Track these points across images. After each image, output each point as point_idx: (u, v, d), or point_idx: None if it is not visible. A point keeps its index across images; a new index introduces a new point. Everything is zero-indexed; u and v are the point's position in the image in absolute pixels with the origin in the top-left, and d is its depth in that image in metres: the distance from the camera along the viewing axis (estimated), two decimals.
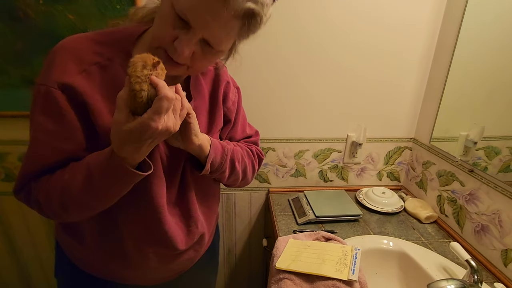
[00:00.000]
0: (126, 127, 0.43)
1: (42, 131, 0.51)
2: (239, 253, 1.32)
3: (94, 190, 0.50)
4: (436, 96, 1.03)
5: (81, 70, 0.50)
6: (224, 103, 0.70)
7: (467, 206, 0.89)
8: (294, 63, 1.02)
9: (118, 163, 0.46)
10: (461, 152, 0.96)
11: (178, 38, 0.47)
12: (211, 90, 0.68)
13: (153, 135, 0.44)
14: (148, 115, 0.43)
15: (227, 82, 0.70)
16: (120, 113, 0.43)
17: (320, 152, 1.15)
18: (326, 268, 0.74)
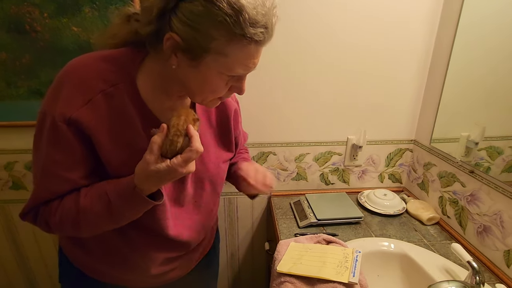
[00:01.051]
0: (154, 167, 0.49)
1: (51, 162, 0.52)
2: (242, 257, 1.32)
3: (112, 216, 0.54)
4: (435, 97, 1.03)
5: (86, 100, 0.51)
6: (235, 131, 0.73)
7: (469, 207, 0.89)
8: (293, 66, 1.04)
9: (139, 194, 0.51)
10: (463, 153, 0.96)
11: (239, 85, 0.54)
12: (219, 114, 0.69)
13: (176, 176, 0.51)
14: (178, 161, 0.49)
15: (235, 109, 0.72)
16: (152, 155, 0.49)
17: (320, 155, 1.16)
18: (327, 271, 0.74)
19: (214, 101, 0.57)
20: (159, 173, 0.49)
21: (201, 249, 0.79)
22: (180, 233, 0.66)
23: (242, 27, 0.45)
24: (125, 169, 0.54)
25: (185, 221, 0.67)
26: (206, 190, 0.69)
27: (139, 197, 0.52)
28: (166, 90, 0.57)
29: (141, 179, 0.51)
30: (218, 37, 0.46)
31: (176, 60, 0.50)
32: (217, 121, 0.69)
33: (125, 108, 0.54)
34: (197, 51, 0.48)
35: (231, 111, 0.70)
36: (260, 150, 1.14)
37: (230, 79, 0.52)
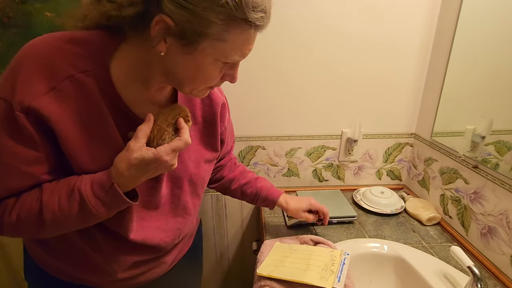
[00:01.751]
0: (139, 154, 0.46)
1: (9, 155, 0.46)
2: (232, 256, 1.26)
3: (83, 214, 0.48)
4: (436, 87, 0.95)
5: (50, 88, 0.44)
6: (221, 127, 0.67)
7: (472, 206, 0.81)
8: (283, 55, 0.96)
9: (116, 192, 0.48)
10: (468, 147, 0.87)
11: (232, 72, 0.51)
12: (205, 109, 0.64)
13: (159, 167, 0.49)
14: (165, 149, 0.48)
15: (223, 103, 0.66)
16: (137, 142, 0.47)
17: (313, 150, 1.09)
18: (310, 275, 0.67)
19: (204, 90, 0.52)
20: (143, 161, 0.47)
21: (177, 252, 0.73)
22: (147, 237, 0.60)
23: (244, 11, 0.42)
24: (93, 165, 0.49)
25: (157, 223, 0.61)
26: (185, 190, 0.63)
27: (116, 195, 0.47)
28: (145, 80, 0.51)
29: (120, 171, 0.47)
30: (217, 21, 0.42)
31: (165, 46, 0.44)
32: (202, 116, 0.63)
33: (96, 98, 0.47)
34: (192, 36, 0.43)
35: (217, 106, 0.64)
36: (248, 144, 1.07)
37: (224, 67, 0.48)
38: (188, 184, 0.63)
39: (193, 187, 0.64)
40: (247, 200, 0.82)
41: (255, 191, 0.80)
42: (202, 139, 0.64)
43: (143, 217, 0.59)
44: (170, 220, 0.63)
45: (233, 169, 0.82)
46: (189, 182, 0.63)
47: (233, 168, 0.82)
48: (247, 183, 0.81)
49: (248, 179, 0.81)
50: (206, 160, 0.66)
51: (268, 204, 0.81)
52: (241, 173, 0.82)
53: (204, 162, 0.66)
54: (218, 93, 0.65)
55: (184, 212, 0.65)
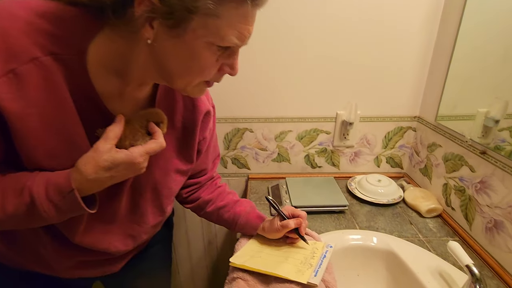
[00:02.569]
0: (109, 156, 0.42)
1: None
2: (220, 245, 1.21)
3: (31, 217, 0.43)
4: (443, 63, 0.83)
5: (6, 70, 0.36)
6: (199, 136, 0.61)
7: (477, 196, 0.71)
8: (273, 30, 0.87)
9: (74, 198, 0.42)
10: (480, 133, 0.77)
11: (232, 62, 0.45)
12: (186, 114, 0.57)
13: (129, 170, 0.45)
14: (139, 150, 0.44)
15: (207, 112, 0.60)
16: (107, 143, 0.43)
17: (305, 133, 1.00)
18: (286, 268, 0.61)
19: (200, 86, 0.46)
20: (114, 163, 0.42)
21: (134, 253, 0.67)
22: (95, 240, 0.54)
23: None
24: (49, 161, 0.43)
25: (108, 227, 0.55)
26: (146, 198, 0.57)
27: (74, 201, 0.42)
28: (125, 73, 0.44)
29: (85, 174, 0.42)
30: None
31: (152, 31, 0.38)
32: (182, 122, 0.57)
33: (62, 86, 0.40)
34: (181, 13, 0.37)
35: (200, 113, 0.58)
36: (235, 126, 0.99)
37: (221, 54, 0.42)
38: (151, 192, 0.57)
39: (156, 196, 0.59)
40: (224, 225, 0.72)
41: (233, 216, 0.69)
42: (177, 147, 0.58)
43: (95, 219, 0.53)
44: (124, 226, 0.57)
45: (212, 190, 0.72)
46: (152, 190, 0.57)
47: (213, 188, 0.73)
48: (224, 206, 0.70)
49: (225, 201, 0.71)
50: (177, 170, 0.60)
51: (248, 231, 0.71)
52: (219, 194, 0.72)
53: (174, 172, 0.59)
54: (204, 99, 0.59)
55: (141, 220, 0.59)
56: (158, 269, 0.79)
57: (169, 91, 0.54)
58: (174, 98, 0.55)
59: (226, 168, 1.06)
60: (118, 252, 0.59)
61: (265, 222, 0.69)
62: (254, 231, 0.70)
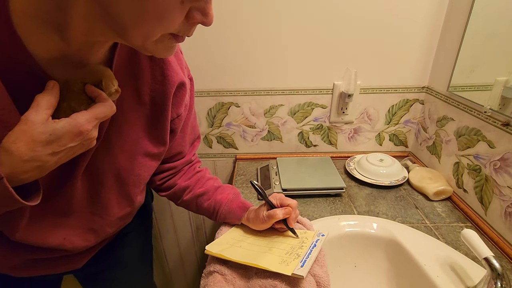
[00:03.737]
0: (46, 126, 0.32)
1: None
2: (209, 230, 1.13)
3: None
4: (460, 22, 0.71)
5: None
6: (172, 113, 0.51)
7: (496, 176, 0.61)
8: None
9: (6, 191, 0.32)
10: (497, 105, 0.66)
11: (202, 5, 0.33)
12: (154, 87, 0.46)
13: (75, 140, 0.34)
14: (84, 116, 0.34)
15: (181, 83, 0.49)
16: (39, 114, 0.32)
17: (298, 107, 0.89)
18: (268, 259, 0.51)
19: (166, 41, 0.35)
20: (54, 134, 0.33)
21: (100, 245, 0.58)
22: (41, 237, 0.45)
23: None
24: None
25: (60, 220, 0.46)
26: (107, 187, 0.48)
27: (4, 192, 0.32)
28: (65, 28, 0.33)
29: (17, 154, 0.31)
30: None
31: None
32: (150, 96, 0.47)
33: None
34: None
35: (172, 85, 0.48)
36: (218, 100, 0.88)
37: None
38: (113, 179, 0.48)
39: (121, 185, 0.49)
40: (205, 215, 0.63)
41: (213, 205, 0.60)
42: (145, 126, 0.48)
43: (42, 212, 0.43)
44: (82, 219, 0.48)
45: (190, 175, 0.63)
46: (115, 178, 0.48)
47: (190, 174, 0.63)
48: (204, 193, 0.61)
49: (205, 188, 0.61)
50: (146, 153, 0.50)
51: (230, 222, 0.62)
52: (198, 180, 0.63)
53: (142, 156, 0.49)
54: (177, 68, 0.49)
55: (104, 212, 0.49)
56: (135, 259, 0.71)
57: (132, 57, 0.43)
58: (139, 67, 0.44)
59: (211, 148, 0.96)
60: (76, 248, 0.50)
61: (250, 211, 0.60)
62: (238, 221, 0.61)
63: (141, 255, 0.73)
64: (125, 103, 0.44)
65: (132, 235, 0.67)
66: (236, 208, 0.60)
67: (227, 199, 0.61)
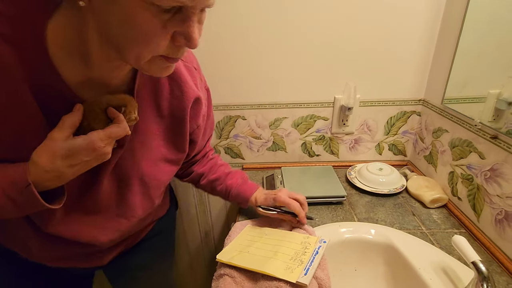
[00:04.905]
0: (65, 143, 0.39)
1: None
2: (217, 235, 1.18)
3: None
4: (452, 39, 0.76)
5: None
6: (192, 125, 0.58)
7: (487, 186, 0.65)
8: (265, 8, 0.80)
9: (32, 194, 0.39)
10: (490, 116, 0.70)
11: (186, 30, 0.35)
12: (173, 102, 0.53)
13: (91, 157, 0.40)
14: (99, 134, 0.40)
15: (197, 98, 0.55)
16: (62, 132, 0.39)
17: (301, 120, 0.94)
18: (274, 265, 0.56)
19: (158, 62, 0.38)
20: (72, 150, 0.39)
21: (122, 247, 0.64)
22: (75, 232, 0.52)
23: None
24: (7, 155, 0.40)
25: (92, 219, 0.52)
26: (134, 190, 0.54)
27: (32, 197, 0.39)
28: (87, 55, 0.39)
29: (41, 165, 0.38)
30: None
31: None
32: (170, 110, 0.53)
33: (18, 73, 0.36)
34: None
35: (189, 100, 0.54)
36: (226, 113, 0.94)
37: (169, 19, 0.34)
38: (139, 184, 0.54)
39: (145, 189, 0.56)
40: (220, 196, 0.73)
41: (224, 188, 0.71)
42: (167, 136, 0.54)
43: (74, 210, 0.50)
44: (110, 219, 0.54)
45: (205, 163, 0.73)
46: (140, 182, 0.54)
47: (205, 161, 0.73)
48: (217, 179, 0.71)
49: (217, 174, 0.71)
50: (167, 160, 0.56)
51: (240, 203, 0.72)
52: (211, 168, 0.72)
53: (163, 162, 0.56)
54: (192, 85, 0.54)
55: (130, 213, 0.55)
56: (158, 263, 0.76)
57: (153, 76, 0.49)
58: (159, 84, 0.51)
59: None
60: (103, 244, 0.56)
61: (259, 193, 0.70)
62: (246, 204, 0.70)
63: (163, 258, 0.78)
64: (147, 116, 0.51)
65: (157, 239, 0.73)
66: (243, 192, 0.70)
67: (236, 183, 0.70)
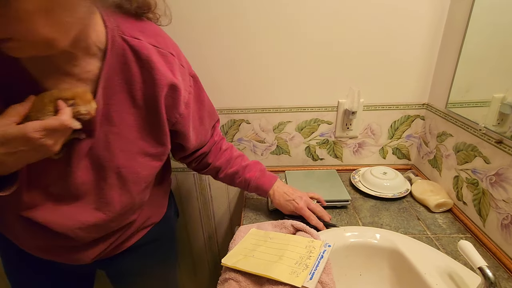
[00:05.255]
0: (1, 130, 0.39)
1: None
2: (221, 239, 1.18)
3: None
4: (455, 43, 0.76)
5: None
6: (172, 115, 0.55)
7: (492, 190, 0.65)
8: (268, 12, 0.81)
9: None
10: (495, 120, 0.70)
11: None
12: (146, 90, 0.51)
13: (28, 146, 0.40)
14: (34, 124, 0.39)
15: (171, 85, 0.52)
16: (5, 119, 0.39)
17: (305, 124, 0.94)
18: (279, 269, 0.56)
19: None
20: (5, 137, 0.39)
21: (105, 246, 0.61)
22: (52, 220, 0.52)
23: None
24: None
25: (72, 211, 0.52)
26: (110, 184, 0.53)
27: None
28: None
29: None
30: None
31: None
32: (144, 100, 0.51)
33: None
34: None
35: (161, 87, 0.51)
36: (230, 117, 0.95)
37: None
38: (115, 177, 0.53)
39: (123, 182, 0.54)
40: (240, 188, 0.77)
41: (243, 181, 0.74)
42: (143, 128, 0.53)
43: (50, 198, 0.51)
44: (86, 211, 0.53)
45: (219, 155, 0.73)
46: (117, 175, 0.53)
47: (219, 154, 0.73)
48: (236, 173, 0.73)
49: (235, 168, 0.73)
50: (146, 153, 0.55)
51: (261, 194, 0.76)
52: (227, 161, 0.74)
53: (142, 156, 0.54)
54: (165, 71, 0.51)
55: (106, 208, 0.54)
56: (156, 270, 0.76)
57: (123, 64, 0.48)
58: (131, 73, 0.49)
59: None
60: (79, 238, 0.55)
61: (278, 188, 0.74)
62: (265, 195, 0.75)
63: (163, 266, 0.78)
64: (122, 107, 0.50)
65: (154, 246, 0.72)
66: (261, 185, 0.74)
67: (255, 176, 0.73)
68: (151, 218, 0.68)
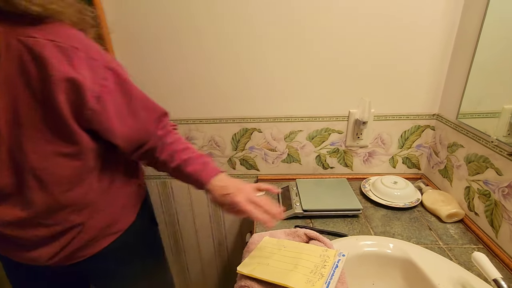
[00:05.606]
0: None
1: None
2: (230, 246, 1.20)
3: None
4: (467, 55, 0.77)
5: None
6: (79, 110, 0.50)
7: (505, 202, 0.66)
8: (280, 24, 0.83)
9: None
10: (505, 131, 0.71)
11: None
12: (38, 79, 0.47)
13: None
14: None
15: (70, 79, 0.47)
16: None
17: (316, 133, 0.96)
18: (295, 278, 0.57)
19: None
20: None
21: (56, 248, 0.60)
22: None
23: None
24: None
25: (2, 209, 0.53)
26: (31, 187, 0.52)
27: None
28: None
29: None
30: None
31: None
32: (43, 96, 0.48)
33: None
34: None
35: (56, 83, 0.47)
36: (243, 126, 0.97)
37: None
38: (33, 180, 0.52)
39: (42, 185, 0.52)
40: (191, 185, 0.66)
41: (186, 177, 0.64)
42: (48, 127, 0.50)
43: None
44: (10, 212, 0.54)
45: (164, 148, 0.65)
46: (34, 178, 0.51)
47: (164, 147, 0.65)
48: (178, 167, 0.63)
49: (177, 162, 0.63)
50: (60, 153, 0.52)
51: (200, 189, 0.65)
52: (170, 155, 0.64)
53: (56, 156, 0.52)
54: (60, 65, 0.46)
55: (30, 208, 0.54)
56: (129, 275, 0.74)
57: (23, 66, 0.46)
58: (29, 73, 0.46)
59: (235, 169, 1.04)
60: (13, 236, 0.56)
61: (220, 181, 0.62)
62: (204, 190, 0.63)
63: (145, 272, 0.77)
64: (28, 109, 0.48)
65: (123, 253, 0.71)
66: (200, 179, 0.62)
67: (195, 170, 0.63)
68: (116, 224, 0.67)
